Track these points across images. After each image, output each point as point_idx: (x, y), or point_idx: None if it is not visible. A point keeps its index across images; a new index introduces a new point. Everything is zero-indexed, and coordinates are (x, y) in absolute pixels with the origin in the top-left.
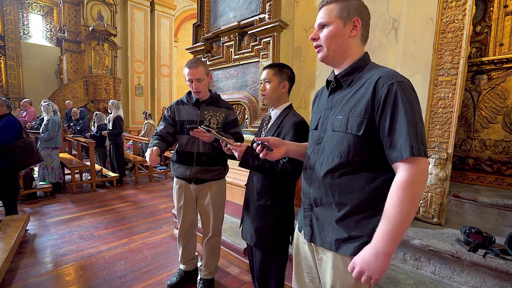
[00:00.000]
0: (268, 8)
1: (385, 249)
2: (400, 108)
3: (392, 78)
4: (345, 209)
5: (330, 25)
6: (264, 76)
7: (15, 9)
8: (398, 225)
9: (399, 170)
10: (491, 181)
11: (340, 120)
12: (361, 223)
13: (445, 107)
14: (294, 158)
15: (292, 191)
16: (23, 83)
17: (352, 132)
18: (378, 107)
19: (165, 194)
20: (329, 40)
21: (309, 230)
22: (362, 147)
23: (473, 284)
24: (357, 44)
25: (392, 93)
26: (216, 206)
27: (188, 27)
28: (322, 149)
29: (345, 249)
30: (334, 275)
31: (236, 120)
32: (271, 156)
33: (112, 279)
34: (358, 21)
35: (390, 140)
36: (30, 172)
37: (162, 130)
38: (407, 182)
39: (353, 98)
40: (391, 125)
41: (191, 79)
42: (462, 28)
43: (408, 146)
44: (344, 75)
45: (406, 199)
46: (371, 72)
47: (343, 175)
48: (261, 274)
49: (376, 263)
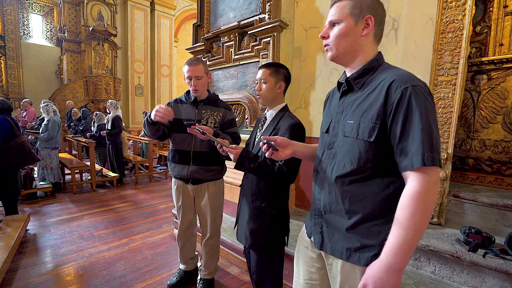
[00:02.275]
0: (268, 8)
1: (398, 264)
2: (413, 114)
3: (406, 82)
4: (356, 217)
5: (341, 22)
6: (260, 75)
7: (15, 9)
8: (411, 239)
9: (410, 180)
10: (491, 181)
11: (351, 125)
12: (372, 231)
13: (445, 107)
14: (290, 161)
15: (287, 193)
16: (23, 83)
17: (363, 138)
18: (390, 112)
19: (165, 194)
20: (338, 39)
21: (319, 237)
22: (374, 154)
23: (473, 284)
24: (370, 43)
25: (406, 98)
26: (214, 206)
27: (188, 27)
28: (334, 154)
29: (357, 258)
30: (342, 281)
31: (233, 120)
32: (277, 156)
33: (112, 279)
34: (371, 19)
35: (401, 148)
36: (30, 172)
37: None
38: (419, 194)
39: (365, 102)
40: (402, 131)
41: (190, 76)
42: (462, 28)
43: (420, 155)
44: (356, 77)
45: (419, 211)
46: (384, 74)
47: (354, 182)
48: (258, 275)
49: (390, 281)
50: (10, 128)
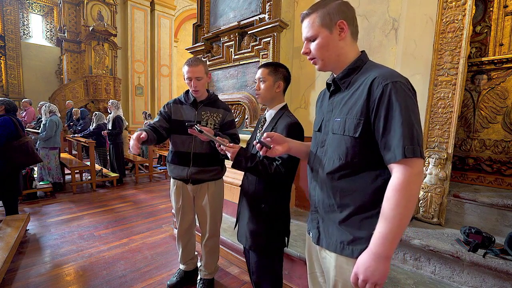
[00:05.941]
0: (268, 8)
1: (385, 252)
2: (393, 109)
3: (387, 78)
4: (348, 210)
5: (317, 37)
6: (259, 75)
7: (15, 9)
8: (396, 227)
9: (394, 172)
10: (491, 181)
11: (338, 123)
12: (364, 223)
13: (445, 107)
14: (288, 161)
15: (288, 194)
16: (23, 83)
17: (349, 134)
18: (373, 109)
19: (165, 194)
20: (320, 51)
21: (316, 232)
22: (360, 149)
23: (473, 284)
24: (349, 44)
25: (386, 94)
26: (214, 207)
27: (188, 27)
28: (325, 151)
29: (350, 251)
30: (336, 275)
31: (232, 121)
32: (272, 152)
33: (112, 279)
34: (343, 23)
35: (384, 142)
36: (30, 172)
37: (156, 122)
38: (402, 184)
39: (350, 100)
40: (385, 126)
41: (190, 77)
42: (462, 28)
43: (401, 147)
44: (342, 77)
45: (402, 201)
46: (368, 72)
47: (344, 177)
48: (258, 276)
49: (379, 268)
50: (15, 128)
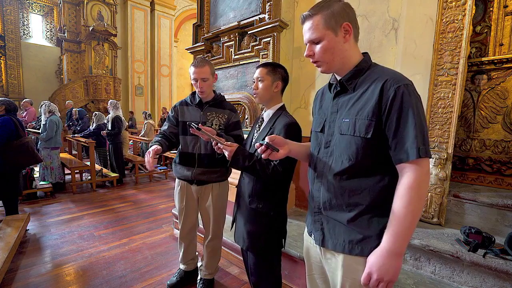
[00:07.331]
0: (268, 8)
1: (399, 249)
2: (407, 111)
3: (398, 81)
4: (356, 209)
5: (322, 40)
6: (257, 74)
7: (15, 9)
8: (409, 224)
9: (406, 171)
10: (491, 181)
11: (347, 123)
12: (373, 222)
13: (445, 107)
14: (286, 162)
15: (285, 194)
16: (23, 83)
17: (360, 135)
18: (385, 110)
19: (165, 194)
20: (325, 54)
21: (320, 234)
22: (371, 149)
23: (473, 284)
24: (352, 46)
25: (399, 96)
26: (218, 208)
27: (188, 27)
28: (331, 152)
29: (360, 250)
30: (344, 275)
31: (238, 122)
32: (273, 155)
33: (112, 279)
34: (349, 25)
35: (396, 142)
36: (30, 172)
37: (166, 130)
38: (415, 183)
39: (359, 101)
40: (397, 127)
41: (196, 78)
42: (462, 28)
43: (415, 148)
44: (348, 78)
45: (415, 199)
46: (376, 74)
47: (354, 177)
48: (256, 277)
49: (393, 266)
50: (15, 129)
